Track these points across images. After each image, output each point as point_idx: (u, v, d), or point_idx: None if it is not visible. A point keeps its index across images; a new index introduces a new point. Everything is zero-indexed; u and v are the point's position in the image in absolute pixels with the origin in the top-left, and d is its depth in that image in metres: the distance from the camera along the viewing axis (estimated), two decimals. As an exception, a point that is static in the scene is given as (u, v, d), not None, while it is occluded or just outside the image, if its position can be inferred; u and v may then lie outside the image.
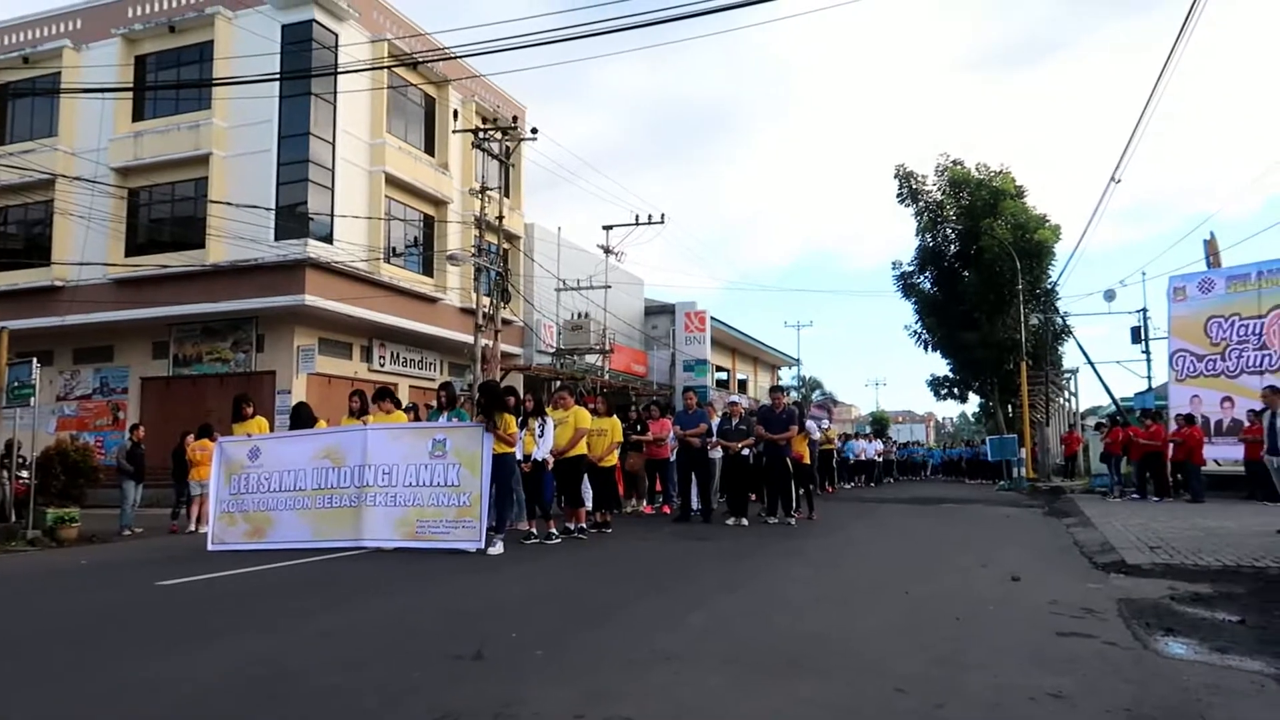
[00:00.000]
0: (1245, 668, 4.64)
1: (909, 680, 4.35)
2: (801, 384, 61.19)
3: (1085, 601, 6.44)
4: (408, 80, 24.85)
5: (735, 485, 12.79)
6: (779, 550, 9.82)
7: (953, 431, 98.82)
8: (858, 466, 27.75)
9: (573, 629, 5.52)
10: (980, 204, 31.75)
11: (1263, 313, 17.86)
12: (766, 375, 50.32)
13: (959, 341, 32.91)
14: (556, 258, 29.49)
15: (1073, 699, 4.05)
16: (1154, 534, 10.36)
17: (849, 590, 7.24)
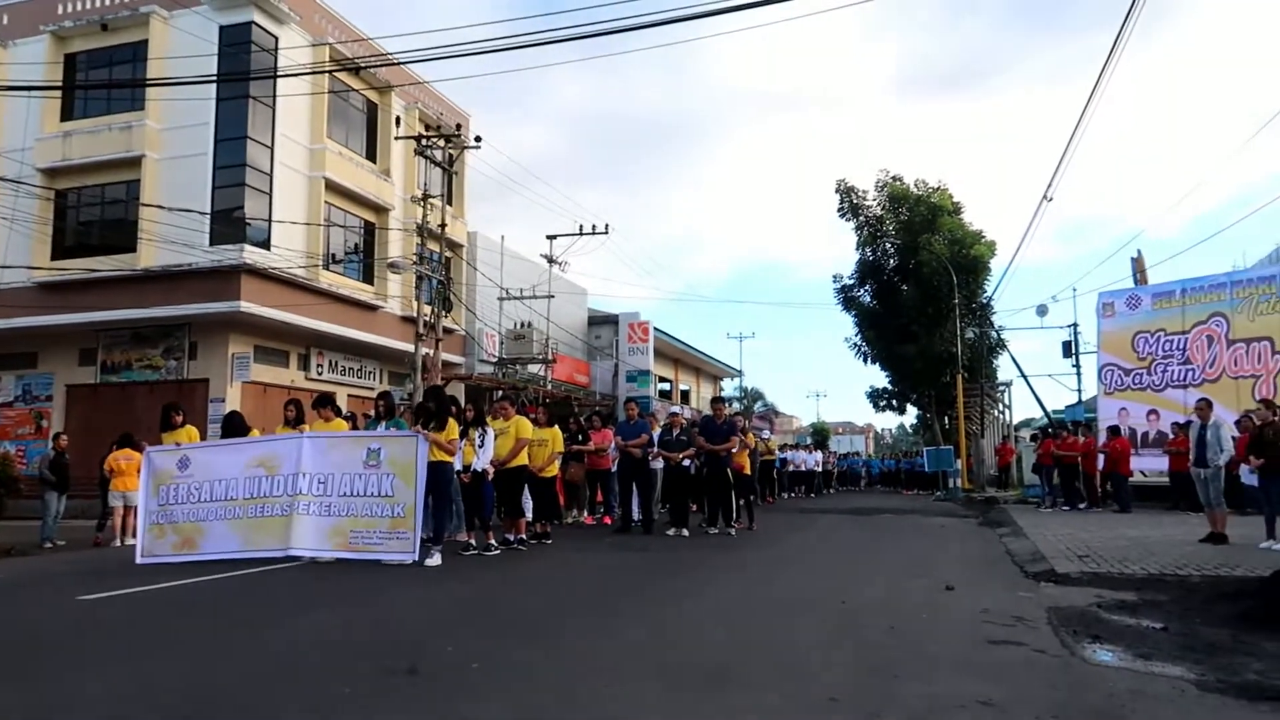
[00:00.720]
0: (1167, 674, 4.76)
1: (843, 690, 4.38)
2: (743, 395, 61.62)
3: (1016, 610, 6.57)
4: (349, 85, 24.54)
5: (676, 496, 12.80)
6: (719, 561, 9.85)
7: (891, 443, 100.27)
8: (797, 477, 27.99)
9: (509, 642, 5.46)
10: (919, 219, 32.35)
11: (1186, 329, 18.46)
12: (709, 386, 50.56)
13: (898, 354, 33.45)
14: (500, 266, 29.31)
15: (1003, 706, 4.11)
16: (1083, 543, 10.62)
17: (787, 600, 7.27)
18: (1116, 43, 10.87)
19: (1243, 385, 17.17)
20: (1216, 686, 4.45)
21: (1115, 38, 10.94)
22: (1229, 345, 17.70)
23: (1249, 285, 17.90)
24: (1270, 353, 17.04)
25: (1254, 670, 4.72)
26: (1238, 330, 17.58)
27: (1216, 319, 17.99)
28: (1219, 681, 4.53)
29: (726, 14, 10.29)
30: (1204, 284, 18.69)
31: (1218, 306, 18.05)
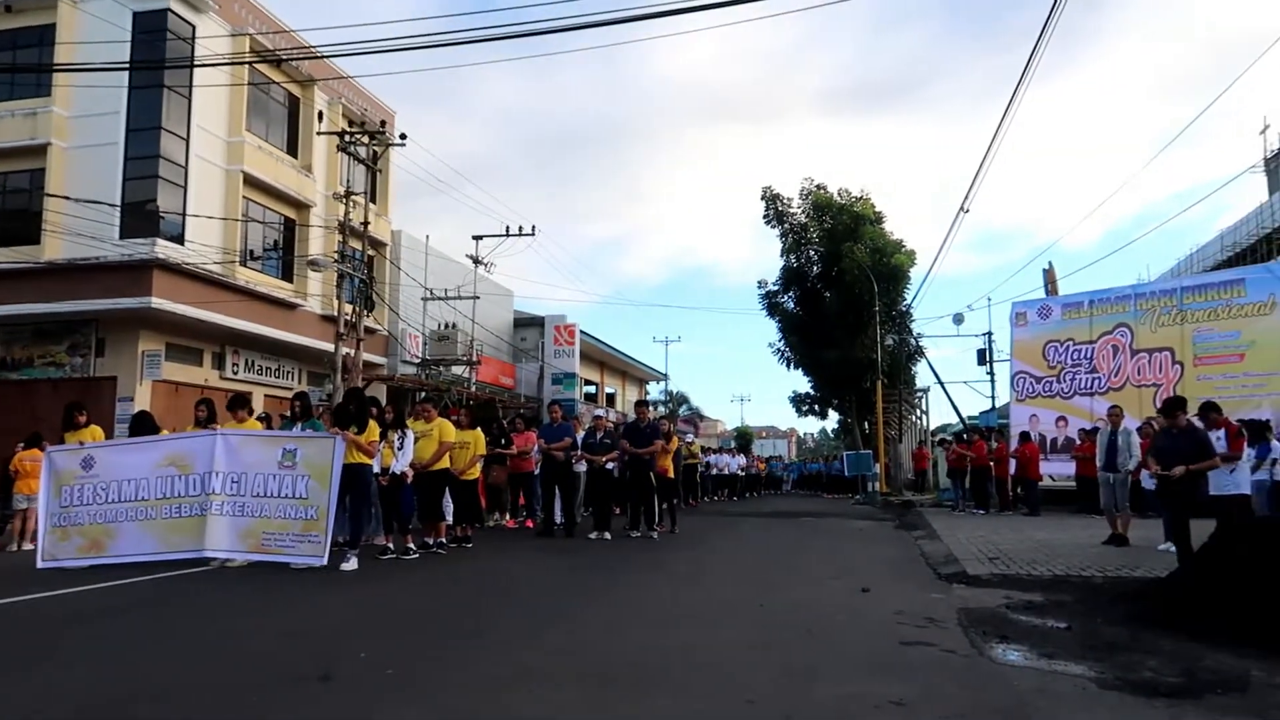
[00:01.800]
0: (1070, 672, 4.92)
1: (760, 692, 4.42)
2: (669, 399, 61.91)
3: (929, 611, 6.72)
4: (270, 78, 23.95)
5: (599, 499, 12.79)
6: (641, 564, 9.87)
7: (814, 447, 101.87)
8: (720, 480, 28.23)
9: (427, 647, 5.38)
10: (842, 228, 32.93)
11: (1093, 338, 19.16)
12: (635, 389, 50.69)
13: (820, 360, 33.97)
14: (424, 266, 28.93)
15: (913, 706, 4.21)
16: (993, 546, 10.92)
17: (707, 603, 7.32)
18: (1028, 64, 11.24)
19: (1145, 393, 17.87)
20: (1115, 684, 4.61)
21: (1028, 59, 11.30)
22: (1133, 355, 18.42)
23: (1151, 298, 18.67)
24: (1170, 362, 17.78)
25: (1150, 668, 4.91)
26: (1141, 340, 18.31)
27: (1121, 329, 18.71)
28: (1117, 679, 4.70)
29: (661, 18, 10.34)
30: (1110, 296, 19.42)
31: (1122, 318, 18.76)
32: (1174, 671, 4.82)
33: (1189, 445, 8.20)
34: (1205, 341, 17.21)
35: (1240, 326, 16.75)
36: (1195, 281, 19.65)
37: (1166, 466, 8.46)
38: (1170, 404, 8.84)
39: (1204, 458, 8.22)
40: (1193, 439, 8.33)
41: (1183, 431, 8.38)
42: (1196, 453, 8.17)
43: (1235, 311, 16.93)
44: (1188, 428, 8.55)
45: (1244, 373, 16.56)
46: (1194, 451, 8.17)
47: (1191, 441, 8.26)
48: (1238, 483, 9.75)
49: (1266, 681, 4.60)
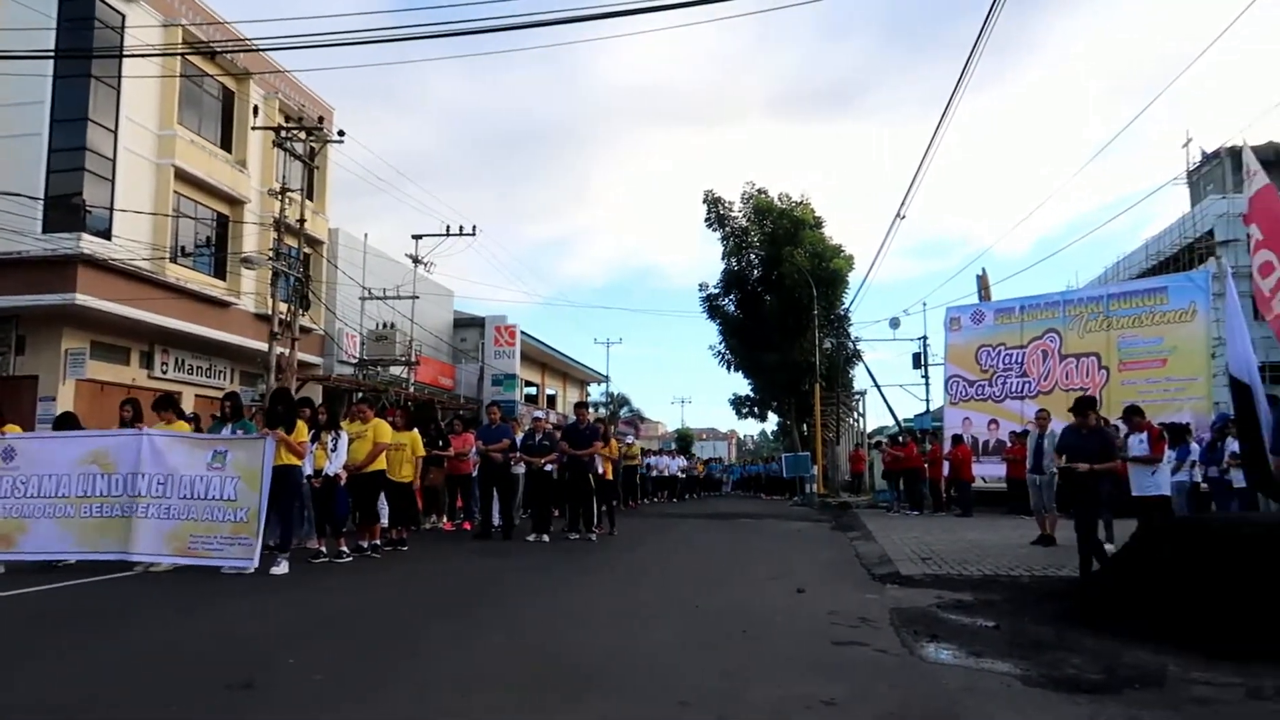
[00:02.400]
0: (997, 669, 5.03)
1: (695, 693, 4.44)
2: (610, 400, 61.90)
3: (862, 611, 6.81)
4: (204, 70, 23.37)
5: (538, 501, 12.72)
6: (579, 566, 9.84)
7: (753, 449, 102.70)
8: (660, 482, 28.31)
9: (358, 652, 5.28)
10: (782, 232, 33.29)
11: (1024, 343, 19.61)
12: (576, 391, 50.57)
13: (760, 362, 34.28)
14: (362, 265, 28.50)
15: (845, 705, 4.26)
16: (926, 546, 11.12)
17: (644, 605, 7.32)
18: (961, 77, 11.47)
19: (1073, 397, 18.31)
20: (1040, 681, 4.73)
21: (961, 70, 11.55)
22: (1061, 360, 18.89)
23: (1079, 304, 19.17)
24: (1097, 367, 18.28)
25: (1073, 665, 5.04)
26: (1069, 346, 18.78)
27: (1051, 335, 19.18)
28: (1042, 676, 4.81)
29: (609, 18, 10.33)
30: (1040, 302, 19.90)
31: (1052, 323, 19.24)
32: (1096, 668, 4.96)
33: (1096, 444, 8.37)
34: (1130, 347, 17.72)
35: (1163, 333, 17.28)
36: (1120, 289, 20.24)
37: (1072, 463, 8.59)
38: (1081, 403, 8.90)
39: (1108, 458, 8.38)
40: (1100, 438, 8.52)
41: (1092, 431, 8.56)
42: (1101, 452, 8.33)
43: (1158, 318, 17.47)
44: (1096, 427, 8.73)
45: (1166, 377, 17.08)
46: (1099, 451, 8.33)
47: (1099, 441, 8.44)
48: (1159, 484, 10.06)
49: (1181, 676, 4.75)
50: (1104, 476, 8.46)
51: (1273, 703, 4.26)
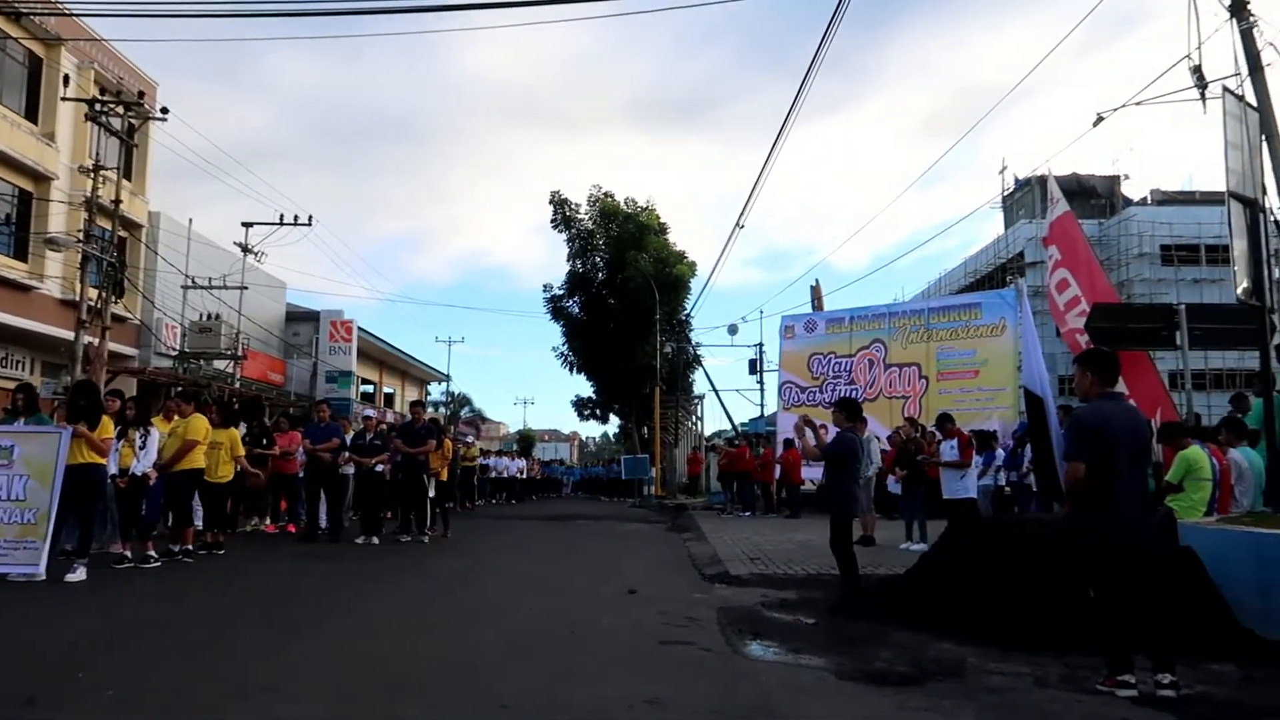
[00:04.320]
0: (813, 665, 5.21)
1: (517, 696, 4.38)
2: (450, 400, 60.78)
3: (690, 611, 6.92)
4: (7, 33, 21.42)
5: (368, 502, 12.30)
6: (408, 570, 9.57)
7: (595, 450, 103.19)
8: (499, 483, 28.01)
9: (158, 664, 4.93)
10: (627, 236, 33.59)
11: (852, 352, 20.52)
12: (415, 390, 49.34)
13: (602, 365, 34.47)
14: (186, 252, 26.83)
15: (666, 704, 4.30)
16: (756, 547, 11.43)
17: (473, 608, 7.19)
18: (798, 95, 11.88)
19: (895, 405, 19.31)
20: (852, 675, 4.93)
21: (797, 90, 11.95)
22: (886, 369, 19.87)
23: (904, 316, 20.23)
24: (918, 376, 19.32)
25: (883, 659, 5.28)
26: (893, 355, 19.78)
27: (877, 345, 20.14)
28: (855, 670, 5.02)
29: (467, 10, 10.10)
30: (869, 313, 20.88)
31: (878, 334, 20.21)
32: (904, 661, 5.21)
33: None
34: (946, 358, 18.83)
35: (976, 346, 18.44)
36: (940, 303, 21.49)
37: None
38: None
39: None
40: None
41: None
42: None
43: (972, 332, 18.63)
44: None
45: (978, 387, 18.23)
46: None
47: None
48: (966, 488, 10.72)
49: (979, 667, 5.05)
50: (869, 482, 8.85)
51: (1055, 689, 4.59)
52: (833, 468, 7.60)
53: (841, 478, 7.42)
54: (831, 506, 7.65)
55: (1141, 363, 12.95)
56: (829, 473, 7.91)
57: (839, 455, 7.40)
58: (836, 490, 7.53)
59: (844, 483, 7.41)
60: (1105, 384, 4.80)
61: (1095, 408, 4.74)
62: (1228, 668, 4.99)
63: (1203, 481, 7.75)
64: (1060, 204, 15.01)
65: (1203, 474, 7.76)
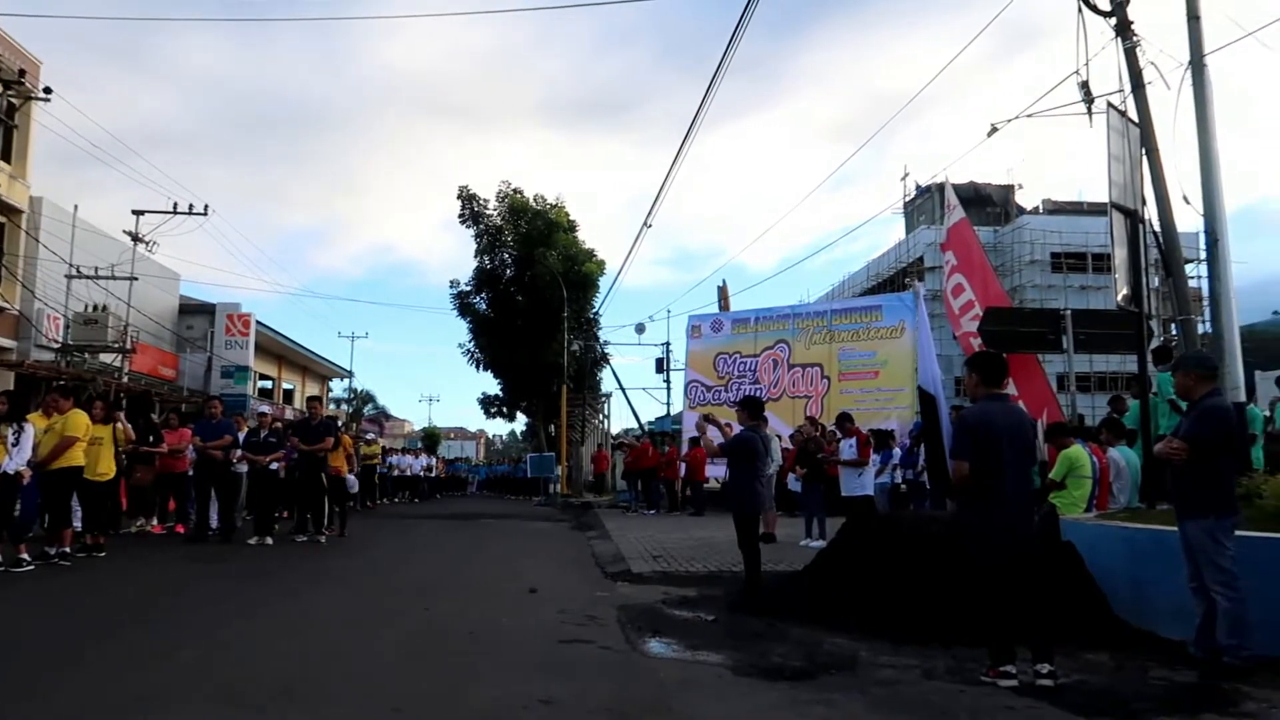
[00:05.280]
0: (710, 661, 5.25)
1: (410, 700, 4.29)
2: (353, 396, 59.46)
3: (591, 610, 6.90)
4: None
5: (262, 502, 11.90)
6: (303, 571, 9.30)
7: (501, 449, 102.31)
8: (402, 482, 27.49)
9: (24, 676, 4.67)
10: (536, 233, 33.32)
11: (757, 352, 20.80)
12: (316, 386, 48.08)
13: (510, 362, 34.12)
14: (70, 240, 25.53)
15: (562, 703, 4.27)
16: (659, 544, 11.47)
17: (369, 610, 7.02)
18: (706, 97, 12.00)
19: (798, 404, 19.65)
20: (748, 670, 4.98)
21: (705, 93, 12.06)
22: (789, 369, 20.21)
23: (807, 318, 20.61)
24: (820, 376, 19.70)
25: (779, 654, 5.36)
26: (797, 356, 20.13)
27: (781, 345, 20.47)
28: (751, 666, 5.08)
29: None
30: (773, 314, 21.21)
31: (782, 334, 20.55)
32: (798, 656, 5.29)
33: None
34: (848, 359, 19.25)
35: (876, 347, 18.90)
36: (843, 305, 21.98)
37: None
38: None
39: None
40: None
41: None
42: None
43: (873, 334, 19.09)
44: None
45: (878, 388, 18.69)
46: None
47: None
48: (864, 485, 10.98)
49: (872, 660, 5.17)
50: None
51: (942, 681, 4.72)
52: (735, 465, 7.71)
53: (744, 475, 7.52)
54: (735, 504, 7.74)
55: (1031, 365, 13.50)
56: (732, 470, 8.02)
57: (740, 452, 7.49)
58: (740, 488, 7.64)
59: (747, 480, 7.50)
60: (991, 385, 4.97)
61: (980, 408, 4.90)
62: (1102, 657, 5.22)
63: (1084, 479, 8.10)
64: (957, 211, 15.54)
65: (1084, 472, 8.11)
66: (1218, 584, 4.72)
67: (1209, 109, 8.64)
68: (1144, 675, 4.87)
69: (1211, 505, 4.81)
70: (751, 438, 7.49)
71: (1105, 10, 9.47)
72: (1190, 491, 4.92)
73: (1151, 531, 5.94)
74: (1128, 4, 9.40)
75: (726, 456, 7.75)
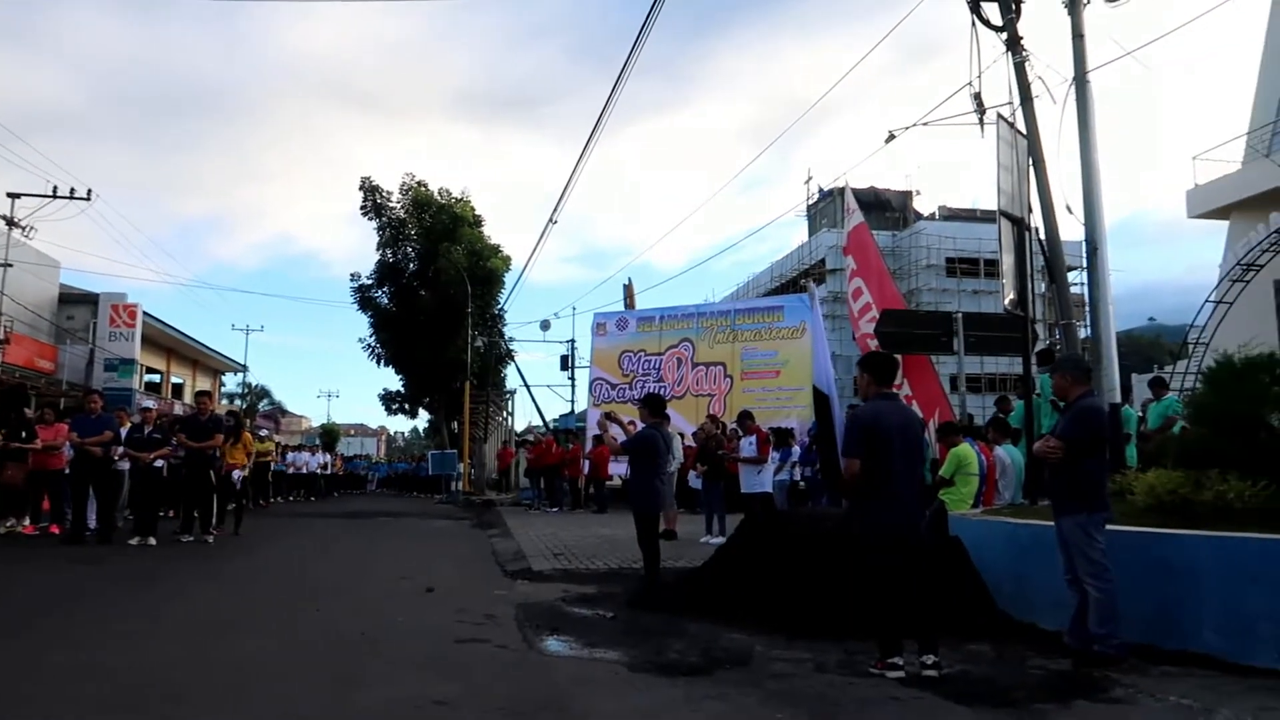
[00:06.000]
0: (607, 658, 5.26)
1: (296, 703, 4.18)
2: (248, 391, 57.55)
3: (489, 608, 6.83)
4: None
5: (145, 501, 11.38)
6: (189, 572, 8.95)
7: (403, 446, 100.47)
8: (298, 480, 26.74)
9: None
10: (441, 227, 32.77)
11: (662, 351, 20.93)
12: (209, 380, 46.36)
13: (412, 358, 33.50)
14: (-64, 223, 24.03)
15: (456, 704, 4.21)
16: (560, 542, 11.44)
17: (258, 612, 6.79)
18: (611, 94, 12.00)
19: (701, 402, 19.86)
20: (645, 667, 5.00)
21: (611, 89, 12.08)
22: (693, 367, 20.40)
23: (711, 317, 20.84)
24: (723, 375, 19.95)
25: (676, 650, 5.39)
26: (700, 355, 20.34)
27: (685, 344, 20.65)
28: (647, 662, 5.10)
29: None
30: (678, 313, 21.38)
31: (687, 333, 20.73)
32: (695, 652, 5.34)
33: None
34: (750, 359, 19.54)
35: (777, 347, 19.23)
36: (746, 305, 22.30)
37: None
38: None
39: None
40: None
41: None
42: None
43: (775, 334, 19.43)
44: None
45: (779, 387, 19.02)
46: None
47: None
48: (763, 482, 11.17)
49: (766, 655, 5.25)
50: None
51: (834, 674, 4.83)
52: (636, 463, 7.73)
53: (645, 473, 7.55)
54: (635, 501, 7.77)
55: (924, 366, 13.93)
56: (633, 468, 8.04)
57: (640, 450, 7.52)
58: (640, 485, 7.66)
59: (647, 478, 7.53)
60: (882, 385, 5.10)
61: (871, 407, 5.03)
62: (985, 647, 5.42)
63: (971, 476, 8.41)
64: (856, 215, 15.91)
65: (971, 469, 8.41)
66: (1089, 576, 4.94)
67: (1091, 123, 9.05)
68: (1023, 664, 5.07)
69: (1084, 501, 5.03)
70: (652, 436, 7.53)
71: (997, 25, 9.81)
72: (1065, 488, 5.14)
73: (1032, 527, 6.19)
74: (1018, 20, 9.76)
75: (627, 454, 7.77)
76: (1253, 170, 19.87)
